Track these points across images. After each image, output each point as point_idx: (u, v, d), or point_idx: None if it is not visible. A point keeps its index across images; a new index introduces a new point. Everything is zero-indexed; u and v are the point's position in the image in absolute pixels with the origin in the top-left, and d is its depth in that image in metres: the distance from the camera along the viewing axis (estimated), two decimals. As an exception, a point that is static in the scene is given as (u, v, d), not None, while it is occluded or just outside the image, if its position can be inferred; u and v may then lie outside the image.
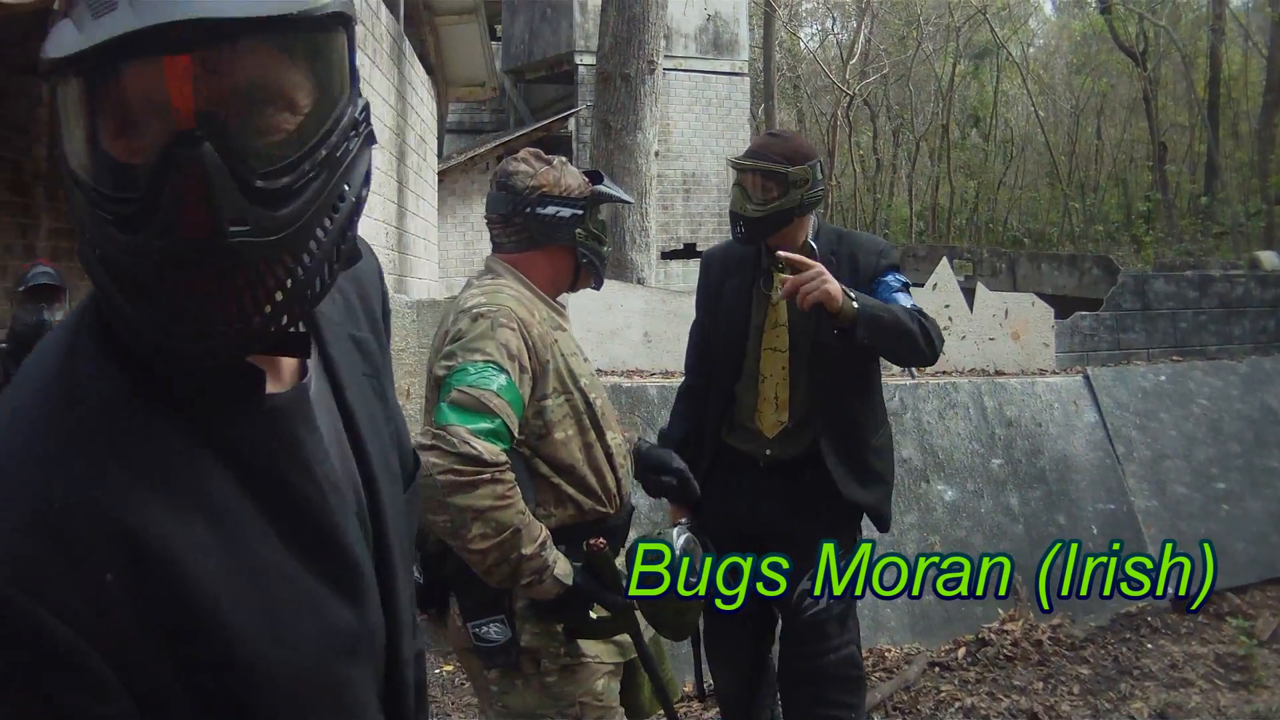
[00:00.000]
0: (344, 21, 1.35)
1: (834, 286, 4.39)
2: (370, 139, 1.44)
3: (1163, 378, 9.61)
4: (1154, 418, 9.21)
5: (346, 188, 1.38)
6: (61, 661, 1.20)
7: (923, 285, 10.87)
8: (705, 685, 5.68)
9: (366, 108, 1.43)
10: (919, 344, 4.64)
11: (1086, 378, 9.41)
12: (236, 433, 1.40)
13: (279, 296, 1.31)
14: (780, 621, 5.25)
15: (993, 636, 7.48)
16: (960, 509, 8.25)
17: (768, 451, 5.05)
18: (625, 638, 3.84)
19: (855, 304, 4.45)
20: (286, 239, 1.29)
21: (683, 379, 5.55)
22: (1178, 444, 9.12)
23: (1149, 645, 7.58)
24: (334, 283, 1.41)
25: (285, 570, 1.42)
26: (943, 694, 6.80)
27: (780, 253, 4.63)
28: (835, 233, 5.13)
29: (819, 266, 4.47)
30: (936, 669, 7.18)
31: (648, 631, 3.94)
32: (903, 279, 4.90)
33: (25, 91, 9.76)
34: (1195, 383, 9.63)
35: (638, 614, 3.81)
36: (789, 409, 5.00)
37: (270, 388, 1.46)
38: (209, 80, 1.23)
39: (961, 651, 7.36)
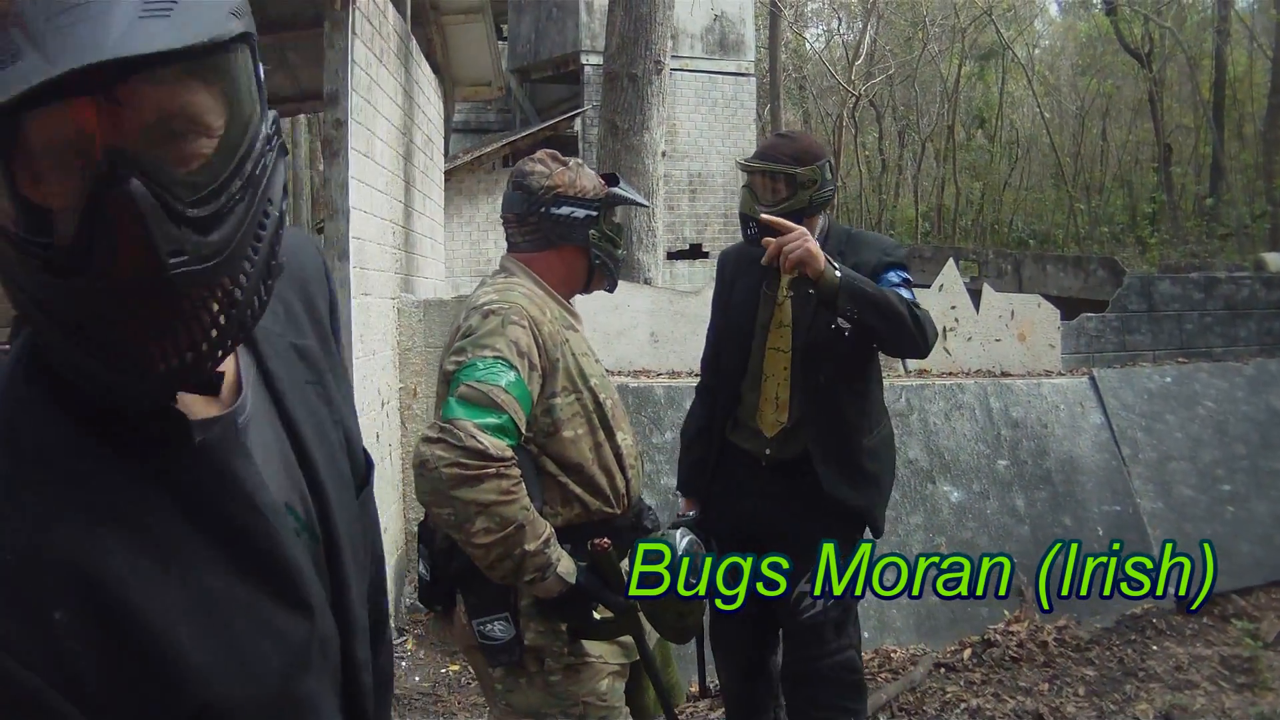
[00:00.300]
0: (248, 40, 1.36)
1: (816, 248, 4.43)
2: (283, 151, 1.44)
3: (1168, 379, 9.62)
4: (1160, 419, 9.22)
5: (269, 203, 1.39)
6: (32, 709, 1.21)
7: (929, 286, 10.88)
8: (711, 684, 5.69)
9: (276, 121, 1.44)
10: (907, 327, 4.61)
11: (1092, 379, 9.43)
12: (172, 470, 1.41)
13: (223, 320, 1.32)
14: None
15: (998, 637, 7.49)
16: (966, 510, 8.26)
17: (768, 451, 5.06)
18: (630, 639, 3.86)
19: (838, 273, 4.47)
20: (223, 263, 1.30)
21: (698, 379, 5.57)
22: (1183, 446, 9.14)
23: (1154, 647, 7.60)
24: (270, 299, 1.43)
25: (237, 598, 1.44)
26: (948, 695, 6.82)
27: (763, 216, 4.65)
28: (845, 233, 5.13)
29: (802, 229, 4.50)
30: (942, 670, 7.20)
31: (651, 635, 3.95)
32: (904, 275, 4.88)
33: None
34: (1201, 384, 9.65)
35: (641, 616, 3.81)
36: (788, 409, 5.01)
37: (206, 411, 1.47)
38: (127, 116, 1.23)
39: (967, 652, 7.38)
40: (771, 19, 33.49)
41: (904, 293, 4.73)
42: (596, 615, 3.68)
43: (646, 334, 10.65)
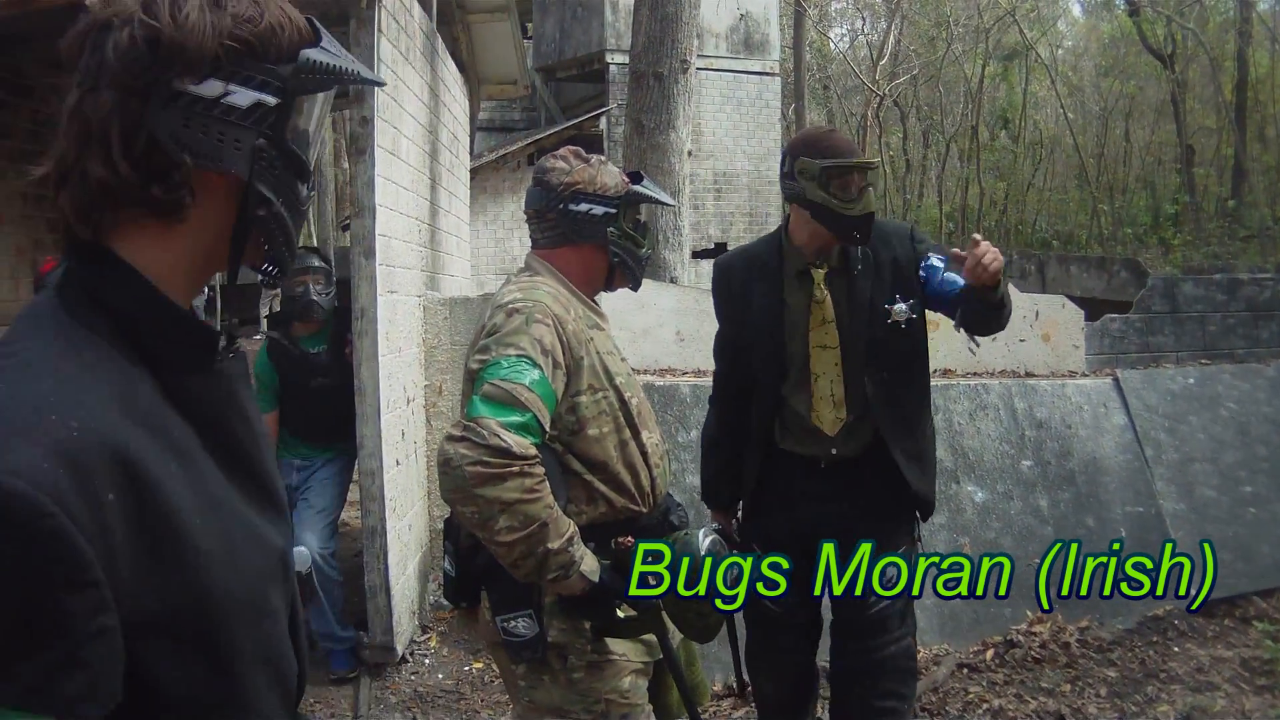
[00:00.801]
0: None
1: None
2: None
3: (1191, 381, 9.60)
4: (1182, 421, 9.20)
5: None
6: (82, 575, 1.38)
7: (954, 286, 10.87)
8: (746, 689, 5.69)
9: None
10: (1009, 311, 4.77)
11: (1116, 380, 9.40)
12: (193, 389, 1.70)
13: None
14: (833, 623, 5.27)
15: (1021, 638, 7.49)
16: (990, 510, 8.25)
17: (833, 451, 5.02)
18: (654, 637, 3.87)
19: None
20: None
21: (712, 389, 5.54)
22: (1205, 447, 9.11)
23: (1175, 649, 7.59)
24: None
25: (234, 505, 1.71)
26: (971, 695, 6.82)
27: (975, 235, 4.61)
28: None
29: (986, 242, 4.50)
30: (965, 670, 7.20)
31: (676, 634, 3.96)
32: (943, 257, 4.91)
33: (55, 88, 9.84)
34: (1223, 386, 9.62)
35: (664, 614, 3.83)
36: (846, 405, 4.98)
37: None
38: None
39: (990, 653, 7.38)
40: (796, 19, 33.48)
41: (954, 275, 4.78)
42: (620, 613, 3.70)
43: (672, 333, 10.65)
